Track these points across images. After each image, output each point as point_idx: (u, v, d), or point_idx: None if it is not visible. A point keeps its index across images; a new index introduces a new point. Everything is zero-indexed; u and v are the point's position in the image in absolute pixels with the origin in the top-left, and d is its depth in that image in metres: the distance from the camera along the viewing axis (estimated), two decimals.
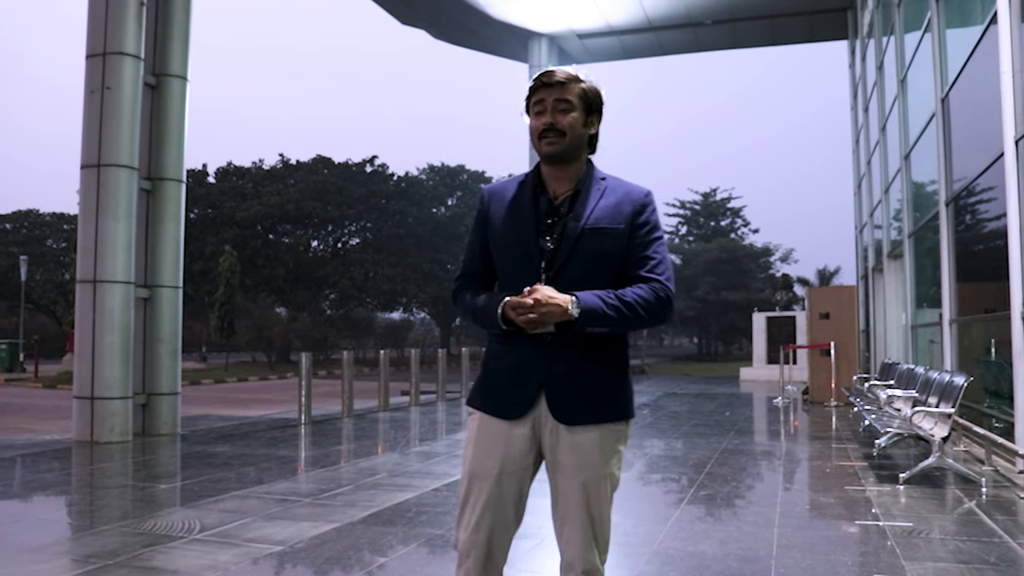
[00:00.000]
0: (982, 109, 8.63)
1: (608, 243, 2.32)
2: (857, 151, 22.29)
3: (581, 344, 2.28)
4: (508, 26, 25.27)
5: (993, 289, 9.29)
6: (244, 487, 6.61)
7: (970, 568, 4.23)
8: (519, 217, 2.38)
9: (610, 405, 2.35)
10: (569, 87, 2.33)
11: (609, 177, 2.43)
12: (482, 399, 2.41)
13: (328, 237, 42.57)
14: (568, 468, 2.30)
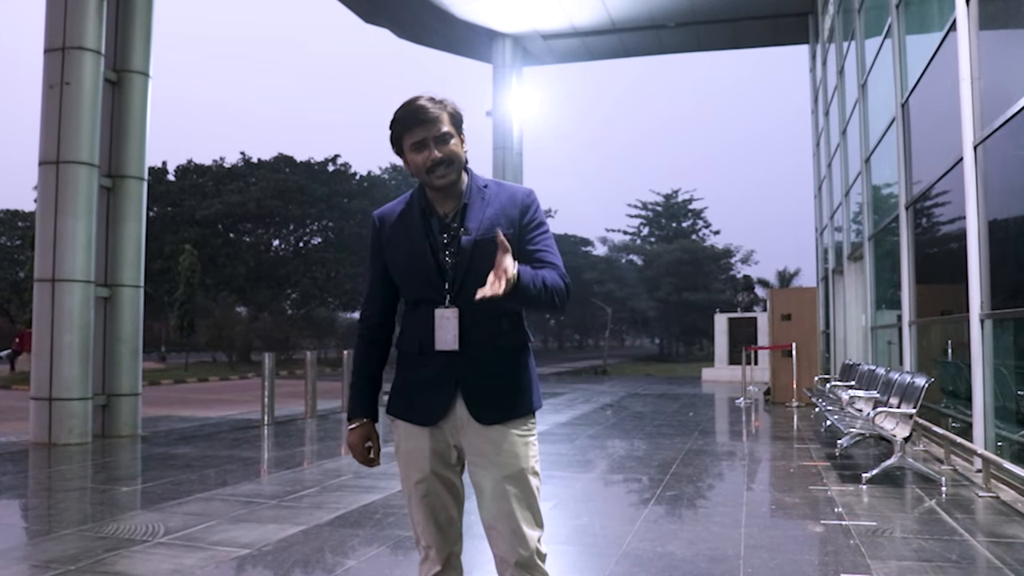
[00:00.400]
0: (941, 114, 8.78)
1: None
2: (818, 154, 22.58)
3: (491, 348, 2.37)
4: (472, 26, 25.24)
5: (949, 291, 9.48)
6: (208, 489, 6.52)
7: (933, 566, 4.29)
8: (412, 239, 2.42)
9: (519, 400, 2.41)
10: (441, 116, 2.36)
11: (490, 183, 2.49)
12: (402, 408, 2.47)
13: (290, 236, 42.13)
14: (488, 465, 2.36)
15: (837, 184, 17.70)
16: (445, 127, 2.36)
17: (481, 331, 2.35)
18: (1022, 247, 6.88)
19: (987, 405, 7.04)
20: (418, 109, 2.35)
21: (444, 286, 2.37)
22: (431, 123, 2.34)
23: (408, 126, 2.36)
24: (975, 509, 5.76)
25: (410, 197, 2.52)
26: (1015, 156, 6.79)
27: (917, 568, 4.26)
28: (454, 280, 2.36)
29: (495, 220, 2.40)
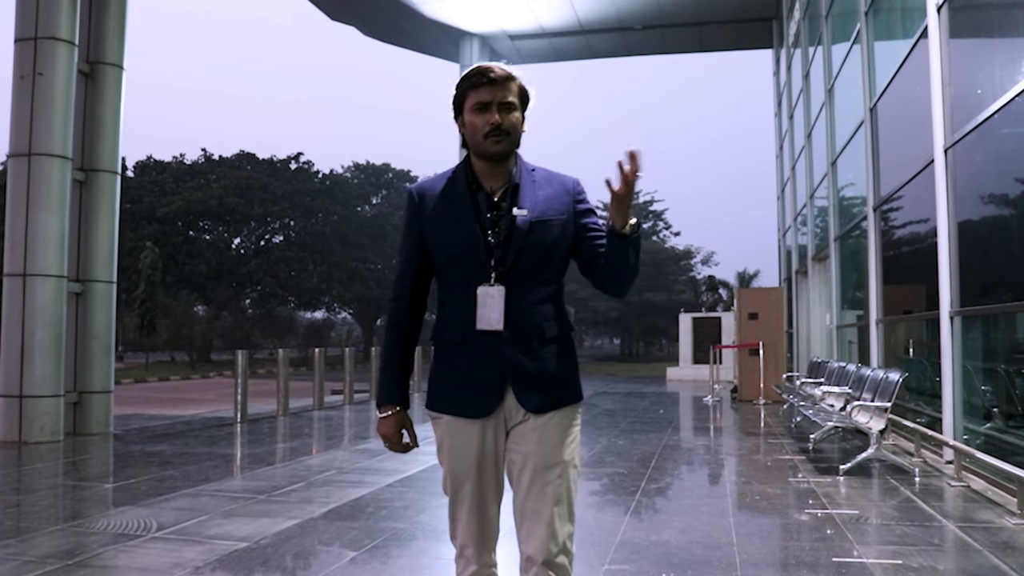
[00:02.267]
0: (910, 118, 9.03)
1: (554, 233, 2.33)
2: (781, 157, 22.96)
3: (535, 335, 2.30)
4: (440, 25, 25.25)
5: (912, 292, 9.76)
6: (193, 485, 6.50)
7: (918, 550, 4.46)
8: (459, 214, 2.33)
9: (567, 389, 2.36)
10: (511, 85, 2.31)
11: (538, 168, 2.44)
12: (447, 402, 2.37)
13: (251, 234, 41.78)
14: (537, 459, 2.28)
15: (802, 186, 18.02)
16: (512, 97, 2.30)
17: (526, 315, 2.28)
18: (990, 247, 7.12)
19: (956, 399, 7.27)
20: (489, 70, 2.29)
21: (490, 263, 2.27)
22: (499, 86, 2.28)
23: (475, 84, 2.29)
24: (948, 497, 5.97)
25: (453, 172, 2.42)
26: (983, 159, 7.03)
27: (902, 552, 4.42)
28: (501, 259, 2.27)
29: (548, 203, 2.34)
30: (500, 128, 2.27)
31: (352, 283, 41.50)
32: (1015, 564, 4.22)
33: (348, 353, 15.35)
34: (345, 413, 12.95)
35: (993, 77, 6.64)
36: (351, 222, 42.91)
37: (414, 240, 2.41)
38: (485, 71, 2.28)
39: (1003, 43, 6.77)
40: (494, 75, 2.28)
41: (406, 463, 7.60)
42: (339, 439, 9.64)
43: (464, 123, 2.34)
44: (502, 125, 2.27)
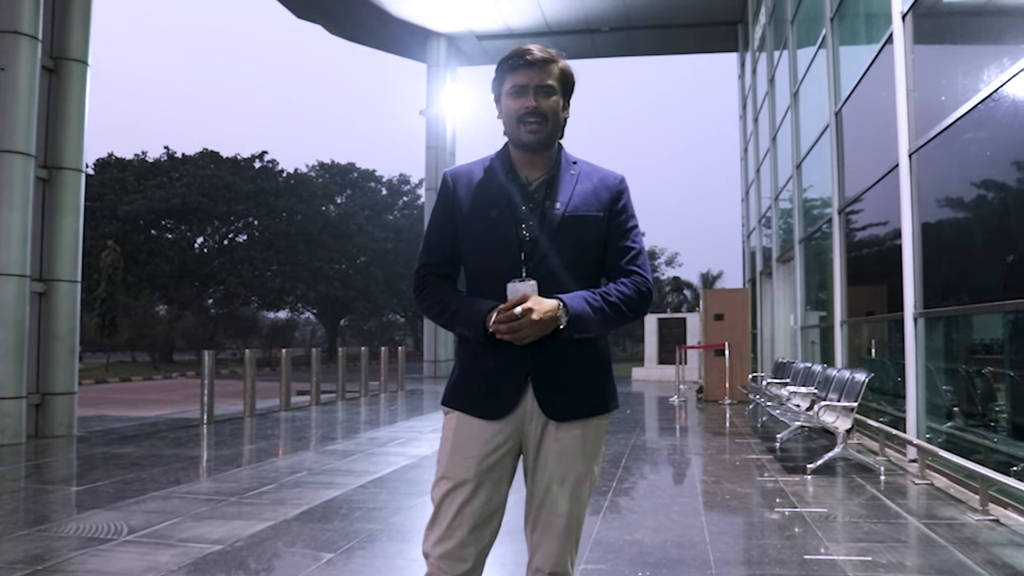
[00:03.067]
0: (875, 123, 9.19)
1: (588, 230, 2.21)
2: (746, 159, 23.22)
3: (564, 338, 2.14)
4: (407, 24, 25.21)
5: (874, 293, 9.93)
6: (162, 488, 6.43)
7: (885, 547, 4.55)
8: (494, 203, 2.21)
9: (597, 397, 2.24)
10: (550, 68, 2.19)
11: (580, 161, 2.32)
12: (462, 399, 2.23)
13: (215, 234, 41.36)
14: (553, 470, 2.19)
15: (767, 188, 18.23)
16: (551, 80, 2.19)
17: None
18: (952, 250, 7.28)
19: (920, 399, 7.42)
20: (527, 51, 2.18)
21: (521, 257, 2.16)
22: (538, 69, 2.17)
23: (513, 67, 2.19)
24: (913, 495, 6.09)
25: (491, 159, 2.31)
26: (946, 164, 7.18)
27: (871, 549, 4.51)
28: (532, 252, 2.16)
29: (585, 198, 2.23)
30: (537, 111, 2.16)
31: (317, 283, 41.26)
32: (979, 559, 4.33)
33: (315, 354, 15.25)
34: (312, 414, 12.87)
35: (956, 84, 6.78)
36: (316, 222, 42.66)
37: (446, 226, 2.29)
38: (523, 52, 2.18)
39: (965, 50, 6.92)
40: (532, 57, 2.17)
41: (376, 464, 7.58)
42: (308, 440, 9.59)
43: (501, 108, 2.25)
44: (539, 108, 2.16)
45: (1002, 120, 5.97)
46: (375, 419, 12.13)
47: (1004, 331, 6.63)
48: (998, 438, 6.55)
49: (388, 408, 14.05)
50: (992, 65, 6.03)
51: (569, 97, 2.27)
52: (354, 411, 13.43)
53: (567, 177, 2.26)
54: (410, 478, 6.94)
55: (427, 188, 26.47)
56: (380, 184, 52.96)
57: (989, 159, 6.48)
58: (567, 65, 2.25)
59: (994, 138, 6.24)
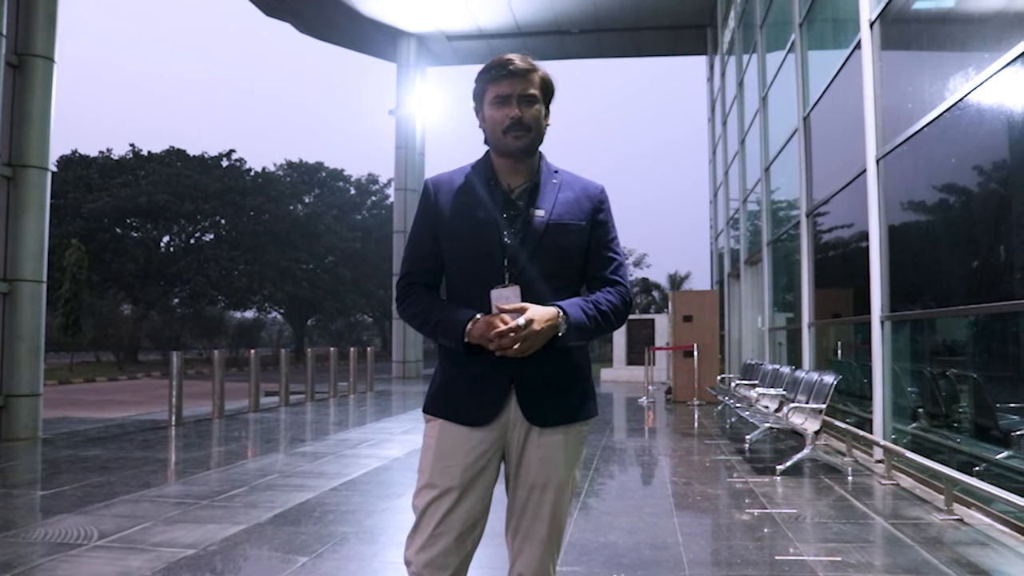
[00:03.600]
0: (842, 128, 9.32)
1: (571, 239, 2.23)
2: (714, 161, 23.40)
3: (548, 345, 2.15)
4: (377, 24, 25.13)
5: (840, 295, 10.09)
6: (132, 491, 6.36)
7: (854, 547, 4.63)
8: (476, 210, 2.22)
9: (578, 404, 2.26)
10: (532, 77, 2.21)
11: (561, 171, 2.34)
12: (445, 407, 2.23)
13: (181, 233, 40.90)
14: (535, 477, 2.21)
15: (735, 191, 18.40)
16: (533, 89, 2.21)
17: None
18: (918, 254, 7.41)
19: (886, 400, 7.54)
20: (509, 61, 2.19)
21: (503, 263, 2.17)
22: (520, 79, 2.19)
23: (495, 78, 2.20)
24: (880, 495, 6.20)
25: (472, 166, 2.33)
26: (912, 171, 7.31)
27: (840, 549, 4.59)
28: (515, 259, 2.17)
29: (568, 206, 2.25)
30: (521, 122, 2.18)
31: (284, 283, 40.97)
32: (944, 558, 4.42)
33: (284, 354, 15.16)
34: (281, 415, 12.79)
35: (922, 91, 6.91)
36: (283, 221, 42.38)
37: (428, 235, 2.30)
38: (505, 63, 2.19)
39: (932, 57, 7.05)
40: (514, 67, 2.19)
41: (348, 467, 7.55)
42: (278, 442, 9.53)
43: (484, 118, 2.26)
44: (523, 119, 2.18)
45: (967, 128, 6.09)
46: (345, 420, 12.08)
47: (967, 334, 6.77)
48: (961, 439, 6.69)
49: (358, 409, 14.00)
50: (958, 73, 6.16)
51: (550, 104, 2.30)
52: (323, 412, 13.37)
53: (549, 185, 2.27)
54: (382, 480, 6.92)
55: (396, 188, 26.34)
56: (348, 184, 52.71)
57: (954, 166, 6.61)
58: (547, 73, 2.27)
59: (958, 146, 6.36)
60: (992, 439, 6.22)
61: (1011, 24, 5.43)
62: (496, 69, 2.20)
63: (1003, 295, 5.69)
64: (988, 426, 6.34)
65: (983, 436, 6.36)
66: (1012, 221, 5.78)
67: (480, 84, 2.26)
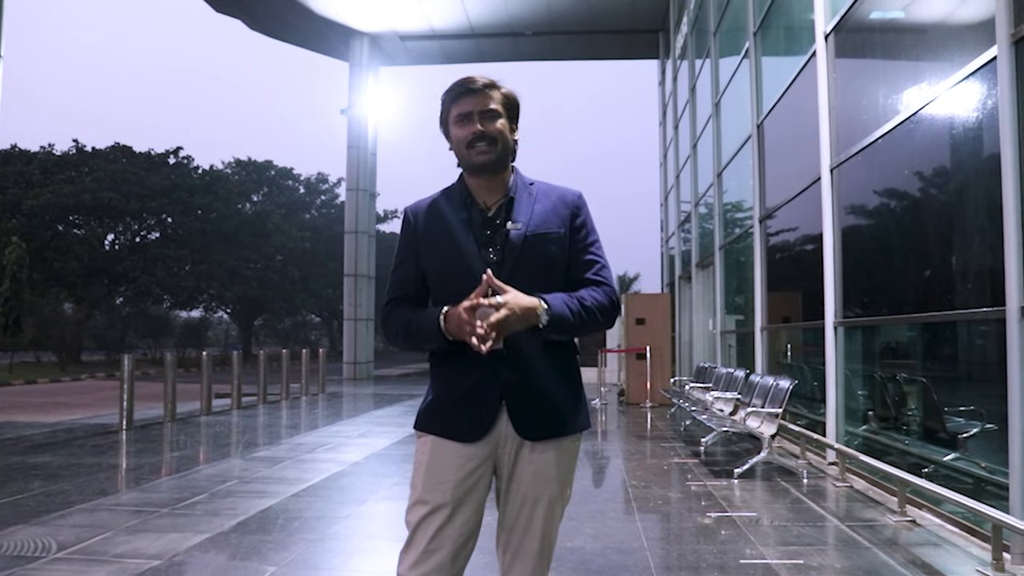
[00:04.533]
0: (796, 136, 9.51)
1: (551, 248, 2.25)
2: (665, 164, 23.67)
3: (537, 355, 2.19)
4: (329, 23, 24.95)
5: (793, 300, 10.30)
6: (88, 499, 6.23)
7: (815, 549, 4.75)
8: (455, 231, 2.25)
9: (570, 417, 2.27)
10: (491, 93, 2.25)
11: (536, 182, 2.36)
12: (437, 423, 2.25)
13: (127, 231, 40.06)
14: (527, 492, 2.23)
15: (686, 195, 18.63)
16: (494, 104, 2.24)
17: (527, 335, 2.15)
18: (872, 262, 7.60)
19: (839, 404, 7.73)
20: (469, 80, 2.24)
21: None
22: (479, 96, 2.23)
23: (456, 96, 2.24)
24: (835, 498, 6.35)
25: (448, 189, 2.37)
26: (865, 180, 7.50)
27: (801, 552, 4.70)
28: (498, 275, 2.15)
29: (546, 216, 2.27)
30: (484, 135, 2.21)
31: (233, 282, 40.40)
32: (901, 559, 4.56)
33: (236, 356, 14.95)
34: (234, 418, 12.63)
35: (876, 103, 7.09)
36: (232, 220, 41.79)
37: (410, 260, 2.34)
38: (464, 82, 2.24)
39: (887, 68, 7.24)
40: (473, 85, 2.23)
41: (307, 472, 7.50)
42: (234, 446, 9.41)
43: (451, 139, 2.29)
44: (485, 132, 2.21)
45: (916, 141, 6.28)
46: (300, 423, 11.98)
47: (915, 340, 6.97)
48: (909, 441, 6.89)
49: (312, 412, 13.88)
50: (911, 87, 6.34)
51: (516, 120, 2.33)
52: (277, 415, 13.23)
53: (524, 198, 2.30)
54: (343, 486, 6.89)
55: (348, 189, 26.14)
56: (298, 183, 52.19)
57: (904, 177, 6.81)
58: (510, 90, 2.31)
59: (909, 158, 6.55)
60: (940, 441, 6.42)
61: (960, 42, 5.61)
62: (456, 89, 2.25)
63: (950, 304, 5.89)
64: (936, 429, 6.54)
65: (931, 439, 6.56)
66: (959, 232, 5.98)
67: (444, 106, 2.29)
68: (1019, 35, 4.50)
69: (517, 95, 2.33)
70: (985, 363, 6.05)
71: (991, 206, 5.08)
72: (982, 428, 6.02)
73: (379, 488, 6.80)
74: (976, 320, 5.50)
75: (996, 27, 4.64)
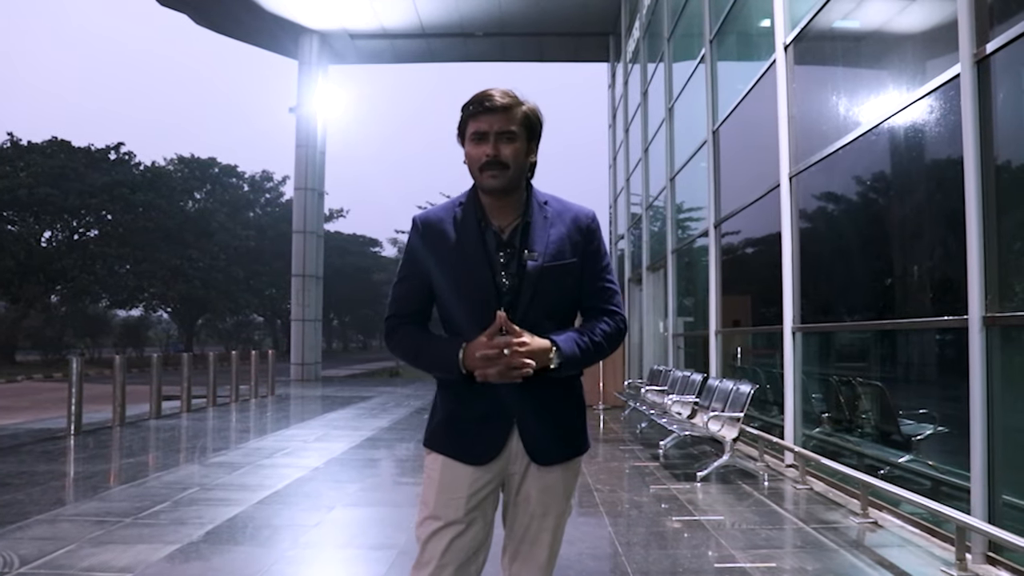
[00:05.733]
0: (754, 143, 9.69)
1: (567, 279, 2.24)
2: (615, 167, 23.86)
3: (547, 380, 2.19)
4: (278, 19, 24.67)
5: (746, 304, 10.50)
6: (46, 510, 6.05)
7: (786, 552, 4.86)
8: (469, 253, 2.21)
9: (577, 440, 2.32)
10: (512, 113, 2.17)
11: (551, 199, 2.31)
12: (448, 444, 2.25)
13: (65, 228, 38.98)
14: (535, 507, 2.26)
15: (637, 198, 18.80)
16: (513, 126, 2.17)
17: None
18: (831, 269, 7.78)
19: (797, 407, 7.89)
20: (488, 97, 2.16)
21: (500, 307, 2.14)
22: (498, 114, 2.15)
23: (474, 113, 2.17)
24: (798, 500, 6.49)
25: (461, 203, 2.29)
26: (823, 189, 7.68)
27: (774, 555, 4.80)
28: (512, 304, 2.16)
29: (560, 244, 2.23)
30: (496, 160, 2.15)
31: (176, 281, 39.63)
32: (870, 560, 4.70)
33: (186, 358, 14.68)
34: (184, 422, 12.41)
35: (836, 113, 7.27)
36: (175, 217, 41.01)
37: (417, 275, 2.29)
38: (483, 98, 2.16)
39: (846, 78, 7.42)
40: (491, 103, 2.15)
41: (269, 478, 7.41)
42: (190, 451, 9.25)
43: (465, 154, 2.23)
44: (498, 157, 2.15)
45: (877, 153, 6.46)
46: (254, 427, 11.82)
47: (871, 345, 7.16)
48: (864, 443, 7.08)
49: (264, 415, 13.71)
50: (872, 99, 6.51)
51: (536, 140, 2.26)
52: (229, 418, 13.03)
53: (540, 221, 2.25)
54: (307, 492, 6.82)
55: (296, 188, 25.86)
56: (242, 180, 51.50)
57: (863, 187, 6.99)
58: (533, 107, 2.24)
59: (867, 168, 6.74)
60: (894, 444, 6.61)
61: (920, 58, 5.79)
62: (475, 104, 2.18)
63: (906, 312, 6.07)
64: (891, 431, 6.73)
65: (886, 441, 6.75)
66: (915, 242, 6.17)
67: (462, 118, 2.23)
68: (981, 55, 4.65)
69: (540, 112, 2.26)
70: (937, 368, 6.26)
71: (947, 217, 5.25)
72: (934, 431, 6.22)
73: (344, 495, 6.75)
74: (936, 329, 5.67)
75: (959, 47, 4.79)
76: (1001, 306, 4.54)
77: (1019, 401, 4.62)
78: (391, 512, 6.21)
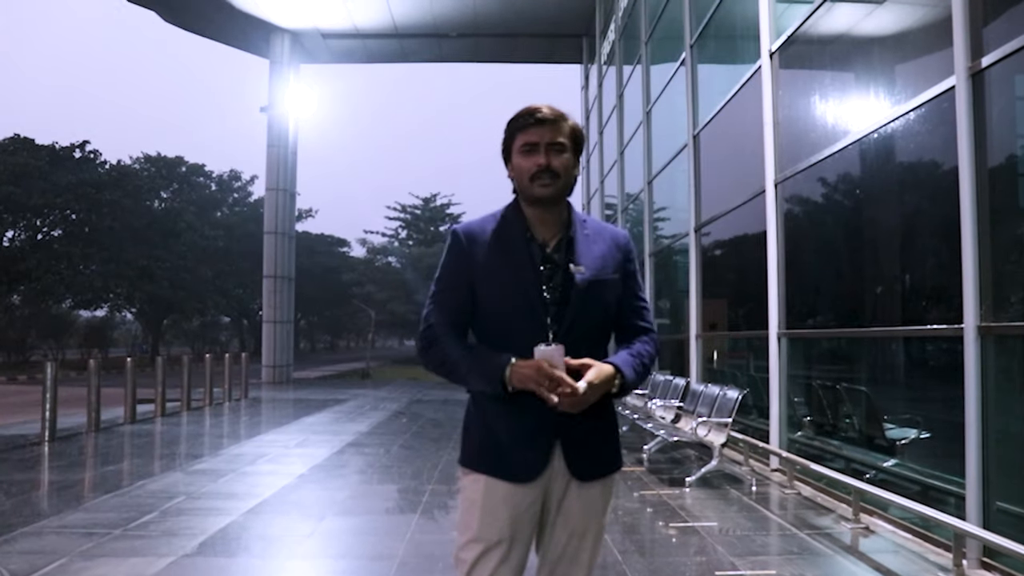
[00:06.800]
0: (736, 149, 9.75)
1: (608, 294, 2.28)
2: (588, 169, 23.91)
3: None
4: (249, 18, 24.41)
5: (724, 307, 10.58)
6: (29, 522, 5.90)
7: (784, 559, 4.90)
8: (515, 266, 2.23)
9: (615, 456, 2.35)
10: (561, 126, 2.23)
11: (587, 218, 2.37)
12: (490, 463, 2.24)
13: (29, 227, 38.23)
14: (576, 525, 2.26)
15: (612, 199, 18.86)
16: (562, 138, 2.23)
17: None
18: (817, 275, 7.86)
19: (783, 412, 7.96)
20: (537, 110, 2.22)
21: (546, 320, 2.18)
22: (548, 126, 2.21)
23: (524, 126, 2.22)
24: (787, 505, 6.55)
25: (503, 216, 2.32)
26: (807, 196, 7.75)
27: (771, 562, 4.85)
28: (558, 316, 2.19)
29: (604, 261, 2.28)
30: (548, 169, 2.20)
31: (142, 281, 39.06)
32: (867, 566, 4.76)
33: (160, 361, 14.45)
34: (159, 427, 12.23)
35: (822, 121, 7.34)
36: (142, 217, 40.44)
37: (461, 287, 2.27)
38: (533, 111, 2.22)
39: (833, 86, 7.49)
40: (542, 115, 2.22)
41: (255, 486, 7.32)
42: (171, 458, 9.11)
43: (512, 167, 2.28)
44: (551, 166, 2.20)
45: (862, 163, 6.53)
46: (232, 432, 11.69)
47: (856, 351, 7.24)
48: (849, 447, 7.17)
49: (239, 419, 13.57)
50: (858, 109, 6.58)
51: (579, 155, 2.31)
52: (204, 423, 12.86)
53: (582, 238, 2.29)
54: (296, 501, 6.75)
55: (268, 188, 25.60)
56: (210, 180, 50.94)
57: (848, 195, 7.07)
58: (577, 124, 2.30)
59: (853, 177, 6.82)
60: (879, 448, 6.70)
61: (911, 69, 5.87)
62: (524, 117, 2.23)
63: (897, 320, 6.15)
64: (876, 436, 6.82)
65: (871, 445, 6.84)
66: (901, 249, 6.25)
67: (508, 133, 2.27)
68: (976, 68, 4.72)
69: (582, 129, 2.33)
70: (921, 374, 6.35)
71: (940, 227, 5.32)
72: (918, 435, 6.31)
73: (334, 503, 6.69)
74: (928, 336, 5.75)
75: (955, 60, 4.85)
76: (996, 316, 4.61)
77: (1013, 409, 4.70)
78: (385, 520, 6.16)
